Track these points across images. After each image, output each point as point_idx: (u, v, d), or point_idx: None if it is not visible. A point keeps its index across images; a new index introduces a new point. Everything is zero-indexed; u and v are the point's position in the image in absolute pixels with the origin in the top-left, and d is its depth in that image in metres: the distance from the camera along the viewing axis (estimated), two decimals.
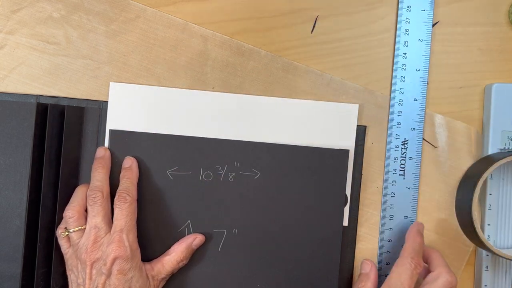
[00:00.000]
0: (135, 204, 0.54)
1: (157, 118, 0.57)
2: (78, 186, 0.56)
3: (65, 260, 0.54)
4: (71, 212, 0.53)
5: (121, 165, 0.56)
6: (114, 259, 0.51)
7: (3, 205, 0.56)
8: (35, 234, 0.55)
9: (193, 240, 0.55)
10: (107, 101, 0.57)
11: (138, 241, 0.53)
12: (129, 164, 0.56)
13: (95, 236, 0.52)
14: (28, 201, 0.55)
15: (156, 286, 0.54)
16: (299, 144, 0.57)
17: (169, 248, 0.55)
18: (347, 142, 0.57)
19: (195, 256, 0.56)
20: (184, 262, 0.55)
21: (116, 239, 0.51)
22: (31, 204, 0.56)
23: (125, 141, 0.56)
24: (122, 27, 0.57)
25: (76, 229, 0.52)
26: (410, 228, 0.55)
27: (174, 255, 0.55)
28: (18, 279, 0.55)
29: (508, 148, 0.57)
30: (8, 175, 0.56)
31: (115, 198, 0.53)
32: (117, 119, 0.57)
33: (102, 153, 0.56)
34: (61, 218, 0.54)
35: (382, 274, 0.58)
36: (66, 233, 0.53)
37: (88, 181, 0.56)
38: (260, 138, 0.57)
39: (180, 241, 0.56)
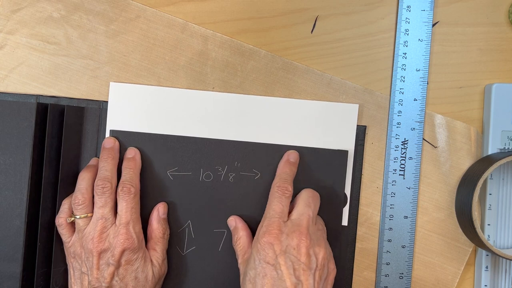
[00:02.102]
0: (138, 195, 0.54)
1: (157, 118, 0.57)
2: (81, 172, 0.55)
3: (66, 248, 0.54)
4: (81, 199, 0.53)
5: (121, 163, 0.56)
6: (123, 251, 0.51)
7: (3, 205, 0.56)
8: (35, 234, 0.55)
9: (157, 212, 0.55)
10: (107, 101, 0.57)
11: None
12: (132, 154, 0.56)
13: (102, 226, 0.52)
14: (28, 201, 0.55)
15: (159, 271, 0.54)
16: (299, 144, 0.57)
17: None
18: (347, 142, 0.57)
19: (195, 255, 0.56)
20: (167, 233, 0.56)
21: (123, 231, 0.51)
22: (31, 204, 0.56)
23: (125, 141, 0.56)
24: (122, 27, 0.57)
25: (83, 216, 0.52)
26: (281, 160, 0.56)
27: (155, 234, 0.55)
28: (18, 279, 0.55)
29: (508, 148, 0.57)
30: (8, 175, 0.56)
31: (119, 189, 0.53)
32: (117, 119, 0.57)
33: (111, 143, 0.55)
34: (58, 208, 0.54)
35: (382, 274, 0.58)
36: (73, 218, 0.53)
37: None
38: (260, 138, 0.57)
39: (150, 222, 0.55)
